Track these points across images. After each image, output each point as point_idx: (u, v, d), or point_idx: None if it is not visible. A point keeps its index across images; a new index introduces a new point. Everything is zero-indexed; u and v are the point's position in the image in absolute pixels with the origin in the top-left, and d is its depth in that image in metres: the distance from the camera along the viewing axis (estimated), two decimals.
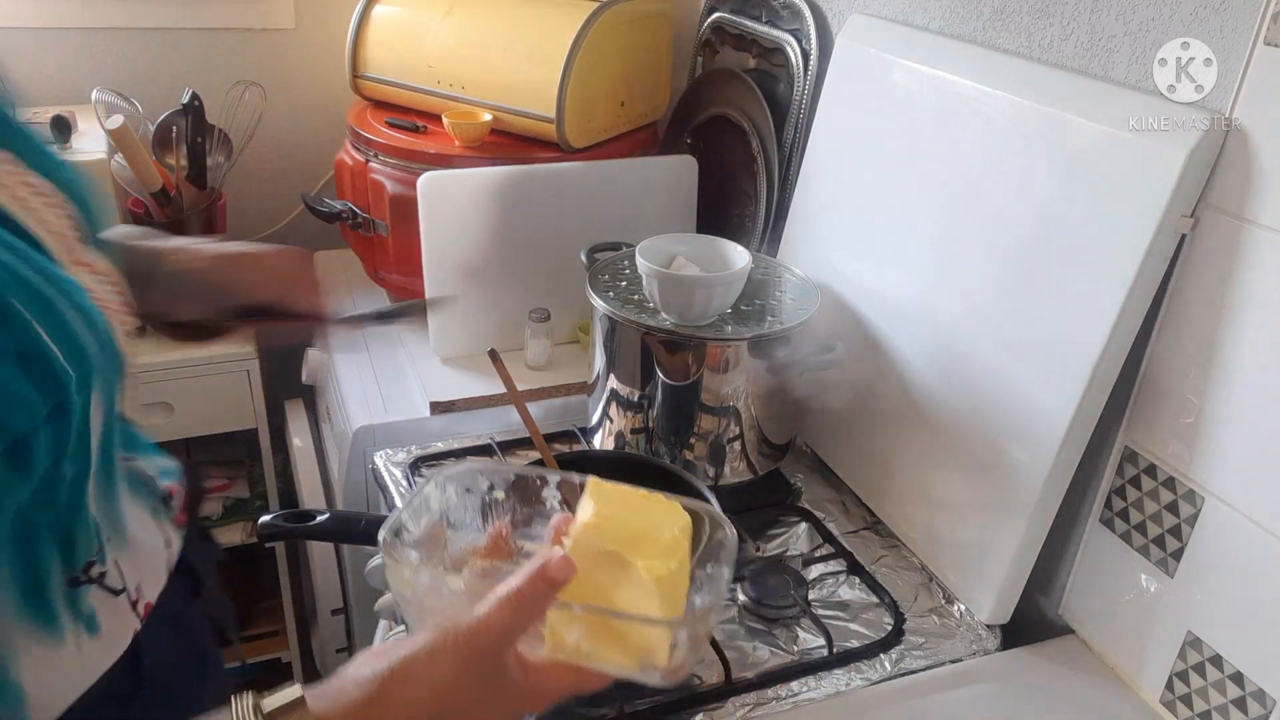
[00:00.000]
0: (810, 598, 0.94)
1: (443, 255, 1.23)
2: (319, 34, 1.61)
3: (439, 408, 1.21)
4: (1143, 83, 0.79)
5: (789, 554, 1.01)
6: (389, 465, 1.11)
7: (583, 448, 1.14)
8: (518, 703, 0.52)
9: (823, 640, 0.89)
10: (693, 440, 1.04)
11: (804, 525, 1.06)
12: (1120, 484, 0.84)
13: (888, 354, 1.02)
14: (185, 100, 1.43)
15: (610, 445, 1.09)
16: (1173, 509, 0.79)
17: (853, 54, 1.10)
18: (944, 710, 0.84)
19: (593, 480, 0.59)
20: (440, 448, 1.14)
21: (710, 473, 1.05)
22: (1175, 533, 0.79)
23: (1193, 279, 0.76)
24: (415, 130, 1.36)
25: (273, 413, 1.60)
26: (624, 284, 1.07)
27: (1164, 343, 0.80)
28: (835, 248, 1.11)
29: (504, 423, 1.20)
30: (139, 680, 0.57)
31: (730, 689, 0.83)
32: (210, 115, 1.45)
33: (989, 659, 0.90)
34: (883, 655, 0.88)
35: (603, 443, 1.10)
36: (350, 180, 1.38)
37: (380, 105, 1.46)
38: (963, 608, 0.94)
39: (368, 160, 1.35)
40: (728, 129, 1.36)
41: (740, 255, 1.02)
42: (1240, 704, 0.74)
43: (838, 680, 0.85)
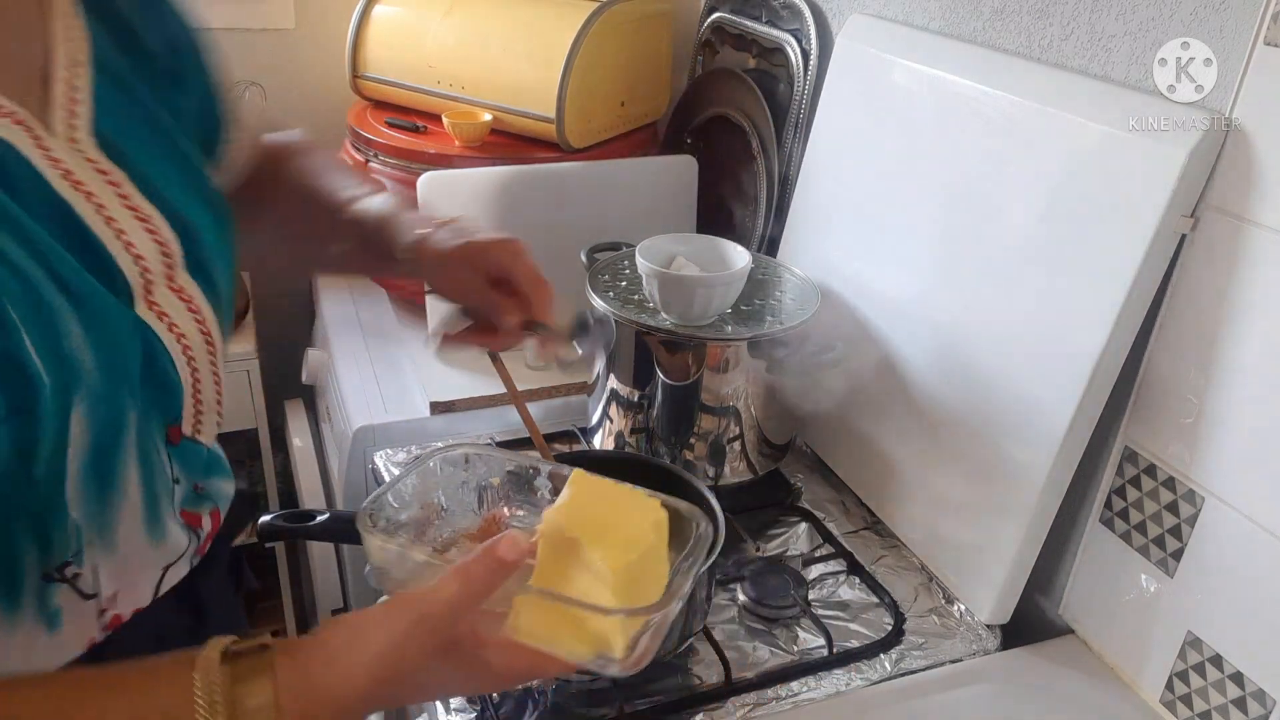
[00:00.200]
0: (810, 598, 0.94)
1: None
2: (319, 34, 1.61)
3: (439, 408, 1.21)
4: (1143, 83, 0.79)
5: (789, 554, 1.01)
6: (389, 465, 1.11)
7: (583, 448, 1.14)
8: (472, 677, 0.53)
9: (823, 640, 0.89)
10: (693, 440, 1.03)
11: (804, 525, 1.06)
12: (1120, 484, 0.84)
13: (888, 354, 1.02)
14: None
15: (610, 445, 1.09)
16: (1173, 509, 0.79)
17: (853, 54, 1.10)
18: (944, 710, 0.84)
19: (577, 472, 0.59)
20: (440, 447, 1.14)
21: (710, 473, 1.05)
22: (1175, 533, 0.79)
23: (1193, 279, 0.76)
24: (415, 130, 1.36)
25: (273, 413, 1.60)
26: (624, 284, 1.07)
27: (1164, 343, 0.80)
28: (835, 248, 1.11)
29: (504, 423, 1.20)
30: None
31: (730, 689, 0.83)
32: None
33: (989, 659, 0.90)
34: (883, 655, 0.88)
35: (603, 443, 1.10)
36: None
37: (380, 105, 1.46)
38: (963, 608, 0.94)
39: (368, 160, 1.35)
40: (728, 129, 1.36)
41: (740, 255, 1.02)
42: (1240, 704, 0.74)
43: (838, 680, 0.85)
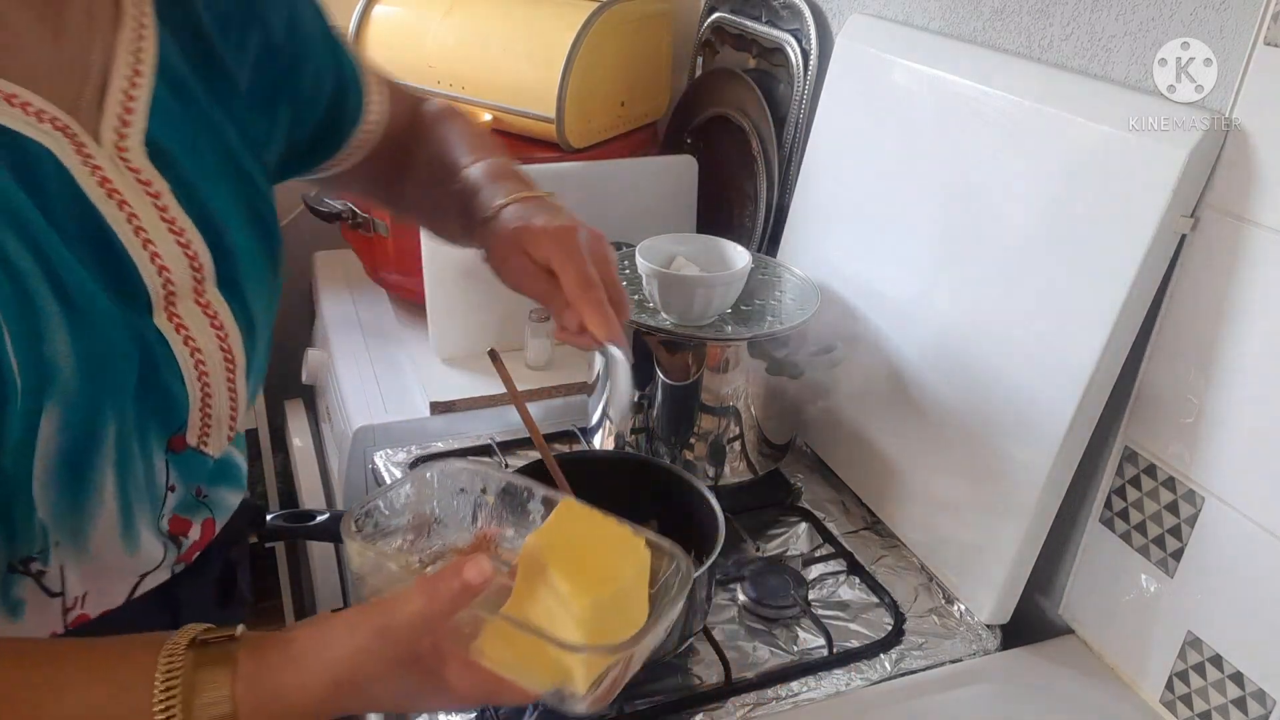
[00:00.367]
0: (810, 598, 0.94)
1: (443, 255, 1.23)
2: None
3: (439, 408, 1.21)
4: (1143, 83, 0.79)
5: (789, 554, 1.01)
6: (389, 465, 1.11)
7: (583, 448, 1.14)
8: (430, 694, 0.53)
9: (823, 640, 0.89)
10: (693, 440, 1.03)
11: (804, 525, 1.06)
12: (1120, 484, 0.84)
13: (888, 354, 1.02)
14: None
15: (610, 445, 1.09)
16: (1173, 509, 0.79)
17: (853, 54, 1.10)
18: (944, 710, 0.84)
19: (565, 500, 0.58)
20: (440, 448, 1.14)
21: (710, 473, 1.05)
22: (1175, 533, 0.79)
23: (1193, 279, 0.76)
24: None
25: (273, 413, 1.60)
26: (624, 284, 1.06)
27: (1164, 342, 0.80)
28: (835, 248, 1.11)
29: (504, 423, 1.20)
30: None
31: (730, 689, 0.83)
32: None
33: (989, 659, 0.90)
34: (883, 655, 0.88)
35: (603, 443, 1.10)
36: None
37: None
38: (963, 608, 0.94)
39: None
40: (728, 129, 1.36)
41: (740, 255, 1.02)
42: (1240, 704, 0.74)
43: (838, 680, 0.85)
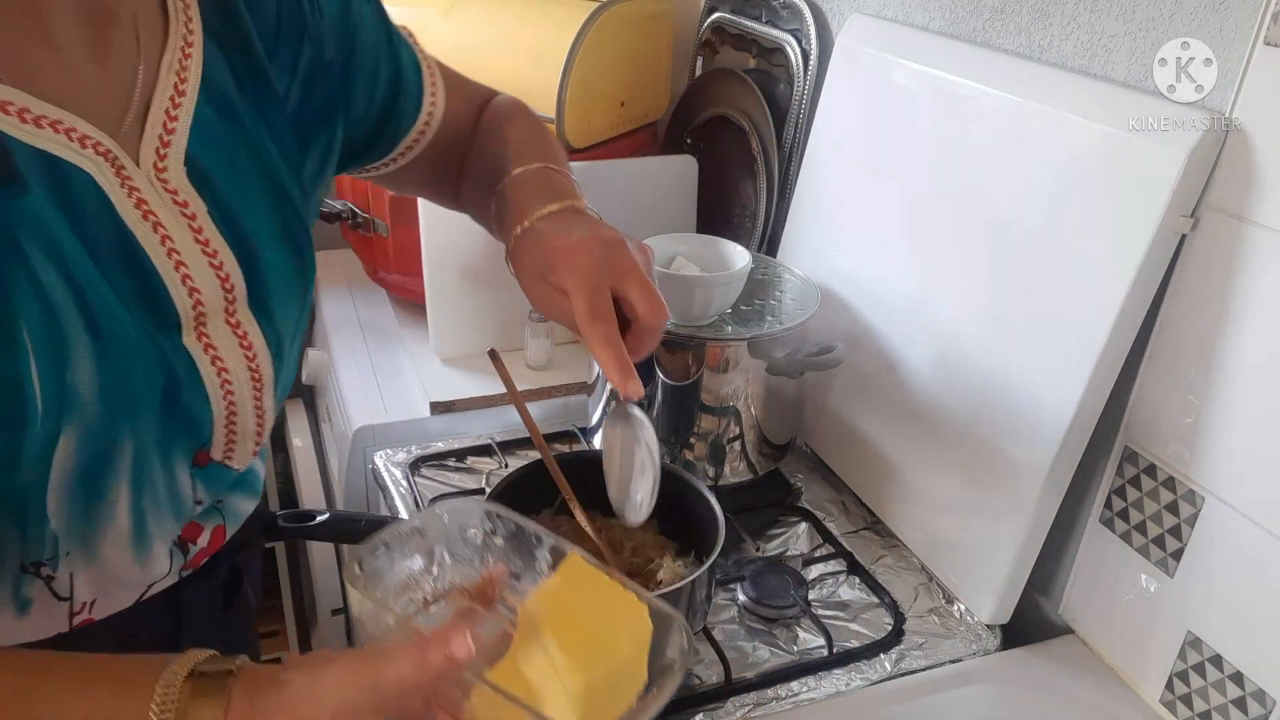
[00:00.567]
0: (810, 598, 0.94)
1: (443, 255, 1.23)
2: None
3: (439, 408, 1.20)
4: (1143, 83, 0.79)
5: (789, 554, 1.01)
6: (389, 465, 1.11)
7: (583, 448, 1.14)
8: None
9: (823, 640, 0.89)
10: (693, 440, 1.03)
11: (804, 525, 1.06)
12: (1120, 484, 0.84)
13: (888, 354, 1.02)
14: None
15: None
16: (1173, 509, 0.79)
17: (853, 54, 1.10)
18: (944, 710, 0.84)
19: (571, 555, 0.56)
20: (440, 448, 1.14)
21: (710, 473, 1.05)
22: (1175, 533, 0.79)
23: (1192, 279, 0.76)
24: None
25: None
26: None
27: (1164, 342, 0.80)
28: (835, 248, 1.11)
29: (504, 423, 1.20)
30: None
31: (730, 689, 0.83)
32: None
33: (989, 659, 0.90)
34: (883, 655, 0.88)
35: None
36: (350, 180, 1.38)
37: None
38: (963, 608, 0.94)
39: None
40: (728, 129, 1.35)
41: (740, 255, 1.02)
42: (1240, 704, 0.74)
43: (838, 680, 0.85)
